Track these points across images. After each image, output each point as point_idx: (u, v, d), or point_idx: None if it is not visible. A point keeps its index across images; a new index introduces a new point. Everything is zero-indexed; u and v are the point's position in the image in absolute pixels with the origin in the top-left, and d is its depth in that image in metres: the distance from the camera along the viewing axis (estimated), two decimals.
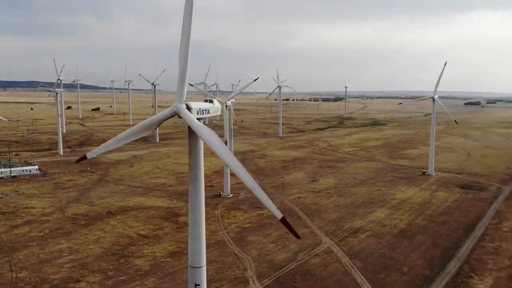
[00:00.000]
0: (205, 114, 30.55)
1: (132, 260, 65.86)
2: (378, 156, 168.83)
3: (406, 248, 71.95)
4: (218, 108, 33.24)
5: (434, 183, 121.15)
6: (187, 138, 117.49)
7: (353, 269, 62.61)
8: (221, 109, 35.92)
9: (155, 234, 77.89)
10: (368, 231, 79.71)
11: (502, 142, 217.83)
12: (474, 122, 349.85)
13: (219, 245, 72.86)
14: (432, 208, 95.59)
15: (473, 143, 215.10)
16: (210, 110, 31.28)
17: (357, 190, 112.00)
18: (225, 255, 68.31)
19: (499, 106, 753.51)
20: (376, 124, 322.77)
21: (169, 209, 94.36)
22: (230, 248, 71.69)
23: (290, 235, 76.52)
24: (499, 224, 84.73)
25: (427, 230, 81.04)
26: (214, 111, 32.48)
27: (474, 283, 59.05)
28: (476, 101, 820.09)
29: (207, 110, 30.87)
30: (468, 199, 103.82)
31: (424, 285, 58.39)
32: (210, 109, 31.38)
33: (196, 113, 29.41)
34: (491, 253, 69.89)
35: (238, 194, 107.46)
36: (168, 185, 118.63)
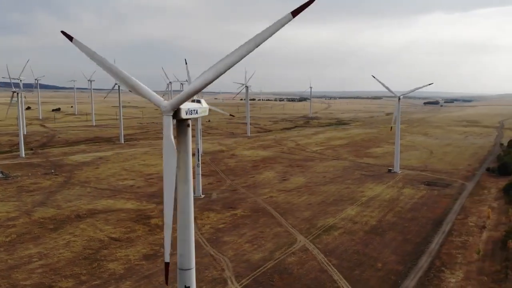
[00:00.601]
0: (194, 114, 30.13)
1: (106, 264, 64.20)
2: (345, 155, 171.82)
3: (379, 244, 73.57)
4: (206, 108, 32.92)
5: (400, 180, 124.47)
6: (154, 139, 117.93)
7: (329, 266, 63.43)
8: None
9: (127, 237, 76.23)
10: (341, 228, 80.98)
11: (462, 140, 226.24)
12: (433, 121, 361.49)
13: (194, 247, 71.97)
14: (400, 204, 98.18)
15: (434, 141, 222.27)
16: (198, 110, 30.90)
17: (327, 188, 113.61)
18: (201, 257, 67.62)
19: (456, 105, 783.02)
20: (341, 124, 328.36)
21: (139, 211, 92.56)
22: (206, 249, 71.10)
23: (265, 235, 77.11)
24: (465, 219, 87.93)
25: (397, 226, 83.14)
26: (202, 111, 32.13)
27: (446, 277, 61.04)
28: (435, 101, 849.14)
29: (196, 111, 30.48)
30: (434, 196, 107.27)
31: (399, 281, 59.87)
32: (198, 109, 31.01)
33: (185, 113, 28.96)
34: (459, 248, 72.45)
35: (210, 194, 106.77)
36: (136, 187, 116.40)
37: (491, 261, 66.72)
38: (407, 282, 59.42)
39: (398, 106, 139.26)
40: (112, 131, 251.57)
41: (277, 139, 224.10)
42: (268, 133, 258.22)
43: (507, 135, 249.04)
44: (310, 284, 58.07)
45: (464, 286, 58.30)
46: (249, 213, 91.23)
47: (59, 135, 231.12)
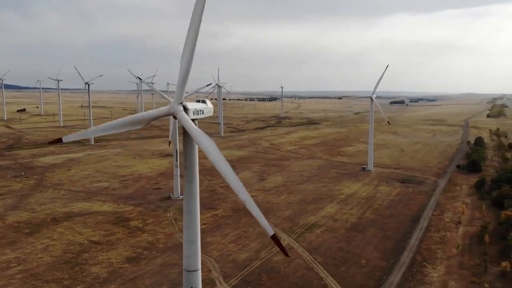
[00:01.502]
0: (200, 114, 29.80)
1: (88, 267, 62.58)
2: (319, 154, 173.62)
3: (360, 241, 74.73)
4: (211, 108, 32.58)
5: (375, 178, 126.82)
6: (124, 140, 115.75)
7: (315, 264, 63.96)
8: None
9: (108, 240, 74.53)
10: (323, 226, 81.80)
11: (430, 139, 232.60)
12: (401, 120, 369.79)
13: (177, 248, 71.10)
14: (377, 202, 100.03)
15: (404, 139, 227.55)
16: (204, 110, 30.57)
17: (305, 187, 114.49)
18: None
19: (421, 104, 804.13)
20: (312, 123, 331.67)
21: (117, 213, 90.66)
22: None
23: (249, 234, 76.91)
24: (441, 215, 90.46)
25: (377, 223, 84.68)
26: (208, 111, 31.78)
27: (428, 272, 62.62)
28: (401, 100, 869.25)
29: (202, 111, 30.16)
30: (409, 193, 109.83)
31: (384, 276, 60.99)
32: (204, 109, 30.69)
33: (192, 113, 28.60)
34: (438, 243, 74.47)
35: None
36: (111, 189, 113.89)
37: (469, 255, 68.91)
38: (391, 278, 60.61)
39: (371, 106, 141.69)
40: None
41: (251, 139, 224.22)
42: (242, 133, 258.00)
43: (472, 133, 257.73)
44: (298, 282, 58.39)
45: (447, 280, 59.97)
46: (230, 213, 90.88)
47: (27, 136, 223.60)
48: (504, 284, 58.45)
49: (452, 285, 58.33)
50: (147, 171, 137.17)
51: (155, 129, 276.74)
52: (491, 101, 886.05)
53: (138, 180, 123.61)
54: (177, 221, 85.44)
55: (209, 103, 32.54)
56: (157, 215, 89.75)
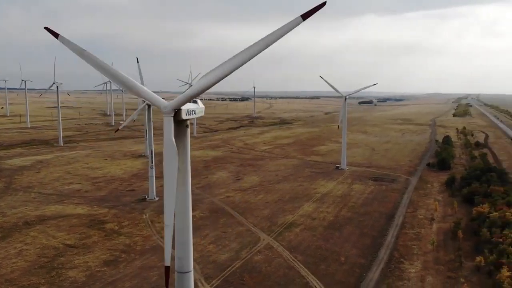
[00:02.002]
0: (192, 115, 29.49)
1: (65, 272, 60.96)
2: (293, 153, 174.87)
3: (338, 239, 75.71)
4: (202, 108, 32.28)
5: (348, 176, 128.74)
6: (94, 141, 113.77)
7: (296, 263, 64.38)
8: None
9: (83, 243, 72.81)
10: (301, 225, 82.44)
11: (400, 138, 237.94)
12: (370, 120, 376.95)
13: (156, 251, 70.30)
14: (352, 200, 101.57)
15: (374, 138, 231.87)
16: (196, 111, 30.27)
17: (281, 186, 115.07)
18: None
19: (388, 104, 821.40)
20: (284, 123, 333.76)
21: (91, 216, 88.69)
22: None
23: (228, 235, 76.82)
24: (415, 213, 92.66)
25: (353, 221, 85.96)
26: (199, 111, 31.49)
27: (406, 268, 64.05)
28: (369, 100, 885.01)
29: (194, 111, 29.85)
30: (382, 191, 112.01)
31: (363, 273, 61.99)
32: (196, 110, 30.38)
33: (185, 114, 28.28)
34: (414, 239, 76.25)
35: None
36: (84, 191, 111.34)
37: (444, 251, 70.85)
38: (371, 275, 61.67)
39: (344, 106, 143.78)
40: (49, 133, 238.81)
41: (224, 139, 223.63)
42: (215, 133, 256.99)
43: (440, 132, 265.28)
44: (280, 281, 58.63)
45: (424, 275, 61.47)
46: (208, 214, 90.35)
47: None
48: (479, 278, 60.40)
49: (429, 280, 59.83)
50: (120, 172, 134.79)
51: (126, 129, 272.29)
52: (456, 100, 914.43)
53: (111, 182, 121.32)
54: (154, 223, 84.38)
55: (200, 103, 32.28)
56: (133, 217, 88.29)
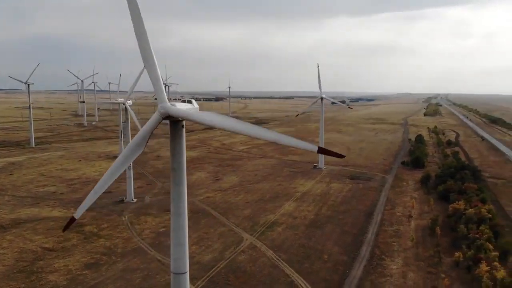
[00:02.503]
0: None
1: (45, 275, 59.53)
2: (271, 153, 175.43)
3: (320, 237, 76.46)
4: (197, 109, 32.04)
5: (326, 175, 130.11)
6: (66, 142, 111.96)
7: (280, 262, 64.68)
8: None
9: (62, 247, 71.22)
10: (283, 224, 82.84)
11: (373, 137, 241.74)
12: (343, 119, 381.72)
13: (137, 253, 69.43)
14: (332, 198, 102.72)
15: (349, 138, 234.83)
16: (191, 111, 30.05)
17: (261, 186, 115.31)
18: (148, 262, 65.40)
19: (361, 104, 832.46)
20: (260, 123, 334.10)
21: (69, 219, 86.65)
22: (151, 254, 68.77)
23: (210, 236, 76.46)
24: (393, 210, 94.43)
25: (334, 219, 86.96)
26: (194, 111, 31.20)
27: (388, 265, 65.23)
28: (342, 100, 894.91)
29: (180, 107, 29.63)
30: (360, 189, 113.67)
31: (347, 271, 62.80)
32: (191, 110, 30.12)
33: None
34: (393, 236, 77.71)
35: (142, 198, 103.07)
36: (59, 193, 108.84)
37: (423, 247, 72.49)
38: (354, 272, 62.52)
39: (322, 106, 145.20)
40: (19, 135, 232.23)
41: (201, 139, 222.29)
42: (191, 133, 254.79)
43: (412, 131, 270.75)
44: (265, 280, 58.79)
45: (405, 272, 62.77)
46: (189, 214, 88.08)
47: None
48: (458, 273, 62.10)
49: (411, 276, 61.13)
50: (95, 174, 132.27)
51: (99, 130, 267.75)
52: (426, 100, 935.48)
53: (86, 184, 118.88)
54: (134, 225, 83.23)
55: (195, 103, 32.07)
56: (112, 219, 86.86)
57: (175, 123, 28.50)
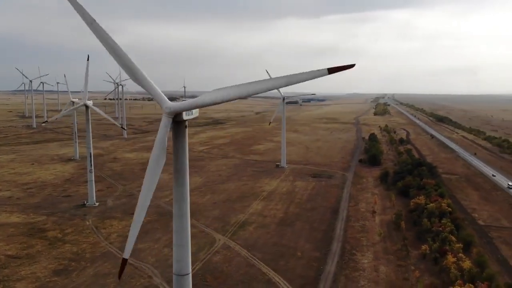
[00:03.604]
0: (190, 115, 29.01)
1: (12, 284, 56.74)
2: (231, 153, 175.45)
3: (292, 234, 77.51)
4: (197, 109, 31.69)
5: (289, 174, 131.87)
6: (15, 145, 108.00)
7: (255, 260, 65.02)
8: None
9: (27, 254, 68.03)
10: (253, 223, 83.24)
11: (328, 136, 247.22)
12: (298, 119, 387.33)
13: (107, 257, 67.52)
14: (298, 196, 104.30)
15: (305, 137, 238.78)
16: (193, 111, 29.76)
17: (226, 186, 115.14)
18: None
19: (313, 104, 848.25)
20: (217, 123, 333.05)
21: (30, 224, 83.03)
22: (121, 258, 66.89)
23: None
24: (357, 206, 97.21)
25: (302, 216, 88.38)
26: (195, 112, 30.92)
27: (359, 259, 67.19)
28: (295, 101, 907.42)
29: (191, 112, 29.34)
30: (323, 186, 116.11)
31: (321, 266, 64.09)
32: (193, 110, 29.84)
33: (185, 114, 27.82)
34: (360, 232, 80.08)
35: (104, 202, 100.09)
36: (16, 198, 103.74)
37: (390, 241, 75.21)
38: (328, 267, 63.91)
39: (283, 106, 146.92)
40: None
41: None
42: (146, 134, 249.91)
43: (364, 130, 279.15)
44: (243, 279, 58.91)
45: (377, 265, 64.91)
46: (156, 217, 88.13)
47: None
48: (426, 265, 64.99)
49: (382, 270, 63.33)
50: (51, 177, 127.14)
51: (49, 132, 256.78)
52: (374, 100, 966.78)
53: (43, 188, 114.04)
54: (99, 229, 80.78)
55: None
56: (75, 224, 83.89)
57: (178, 124, 28.16)
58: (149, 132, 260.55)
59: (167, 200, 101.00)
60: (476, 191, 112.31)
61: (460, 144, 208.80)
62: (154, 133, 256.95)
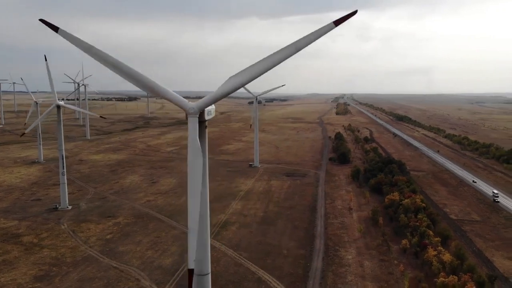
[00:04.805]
0: (209, 115, 28.85)
1: None
2: None
3: (274, 233, 78.12)
4: (214, 109, 31.44)
5: (264, 173, 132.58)
6: None
7: (243, 260, 65.17)
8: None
9: (4, 260, 65.35)
10: (235, 222, 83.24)
11: (296, 135, 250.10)
12: (263, 119, 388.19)
13: (89, 261, 65.74)
14: (275, 195, 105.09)
15: (273, 137, 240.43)
16: (212, 111, 29.61)
17: None
18: (104, 270, 62.25)
19: (276, 104, 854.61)
20: (182, 123, 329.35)
21: (1, 230, 79.68)
22: (105, 262, 65.46)
23: (163, 239, 74.90)
24: (333, 203, 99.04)
25: (282, 215, 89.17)
26: (213, 112, 30.70)
27: (343, 255, 68.59)
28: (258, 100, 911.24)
29: (210, 112, 29.19)
30: (298, 185, 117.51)
31: (308, 263, 65.01)
32: (212, 110, 29.67)
33: (206, 114, 27.65)
34: (341, 228, 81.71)
35: (77, 205, 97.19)
36: None
37: (370, 237, 77.15)
38: (315, 264, 64.89)
39: (255, 106, 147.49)
40: None
41: (123, 141, 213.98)
42: (110, 135, 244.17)
43: (329, 129, 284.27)
44: (233, 279, 58.89)
45: (361, 261, 66.48)
46: (133, 219, 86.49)
47: None
48: (407, 259, 67.15)
49: (367, 265, 64.95)
50: (17, 181, 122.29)
51: (7, 134, 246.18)
52: (334, 100, 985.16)
53: (10, 192, 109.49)
54: (76, 233, 78.47)
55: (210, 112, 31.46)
56: (50, 228, 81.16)
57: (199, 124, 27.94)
58: (112, 133, 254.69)
59: (142, 202, 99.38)
60: (444, 187, 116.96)
61: (422, 142, 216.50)
62: (117, 133, 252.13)
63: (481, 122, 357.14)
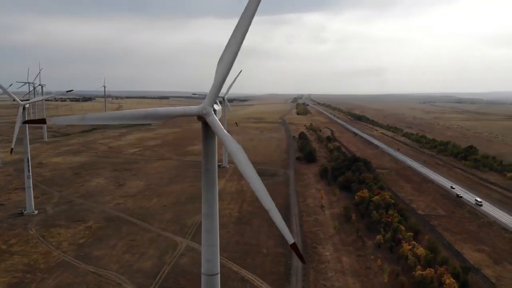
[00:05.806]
0: (218, 115, 28.81)
1: None
2: (167, 154, 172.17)
3: (252, 232, 78.47)
4: (221, 109, 31.33)
5: (233, 173, 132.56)
6: None
7: (224, 260, 65.00)
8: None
9: None
10: None
11: (260, 135, 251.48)
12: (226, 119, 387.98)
13: (64, 267, 63.70)
14: (248, 195, 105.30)
15: (238, 137, 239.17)
16: (219, 111, 29.56)
17: (171, 188, 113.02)
18: (82, 276, 60.50)
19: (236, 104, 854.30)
20: (142, 124, 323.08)
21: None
22: (81, 267, 63.62)
23: (139, 242, 73.62)
24: (305, 202, 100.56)
25: (256, 214, 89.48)
26: (219, 112, 30.60)
27: (322, 252, 69.92)
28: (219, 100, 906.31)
29: (219, 111, 29.17)
30: (269, 184, 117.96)
31: (288, 261, 65.80)
32: (218, 110, 29.63)
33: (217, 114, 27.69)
34: (316, 226, 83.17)
35: (44, 209, 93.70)
36: None
37: (345, 233, 78.99)
38: (295, 262, 65.69)
39: (224, 106, 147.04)
40: None
41: (83, 143, 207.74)
42: (68, 137, 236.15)
43: (292, 129, 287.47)
44: None
45: (339, 257, 68.02)
46: (105, 223, 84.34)
47: None
48: (383, 253, 69.26)
49: (345, 261, 66.55)
50: None
51: None
52: (293, 100, 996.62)
53: None
54: (46, 238, 75.73)
55: (219, 104, 31.37)
56: (18, 234, 77.95)
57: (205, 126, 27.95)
58: (70, 135, 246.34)
59: (111, 205, 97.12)
60: (408, 184, 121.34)
61: (382, 141, 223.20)
62: (75, 135, 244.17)
63: (435, 121, 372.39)
